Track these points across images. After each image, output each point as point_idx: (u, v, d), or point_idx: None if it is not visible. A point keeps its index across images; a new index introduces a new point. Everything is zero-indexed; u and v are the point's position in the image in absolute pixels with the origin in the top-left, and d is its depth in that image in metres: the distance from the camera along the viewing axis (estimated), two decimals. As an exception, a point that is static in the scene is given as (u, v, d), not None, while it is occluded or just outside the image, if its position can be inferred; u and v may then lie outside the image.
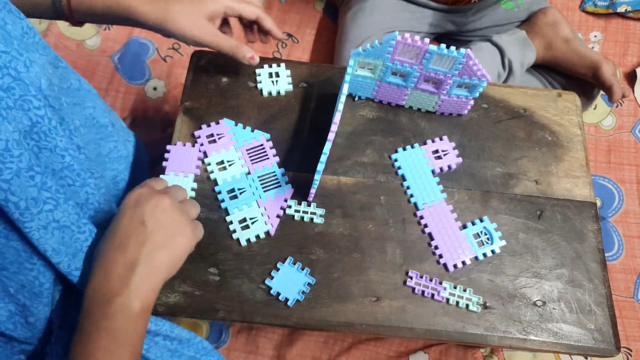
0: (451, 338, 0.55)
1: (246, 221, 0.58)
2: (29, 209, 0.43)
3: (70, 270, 0.48)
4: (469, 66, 0.55)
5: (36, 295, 0.47)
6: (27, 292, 0.47)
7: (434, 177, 0.62)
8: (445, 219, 0.60)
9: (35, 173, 0.43)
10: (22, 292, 0.46)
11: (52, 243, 0.46)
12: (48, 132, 0.46)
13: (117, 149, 0.61)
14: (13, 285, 0.46)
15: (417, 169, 0.62)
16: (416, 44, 0.53)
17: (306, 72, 0.68)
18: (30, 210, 0.43)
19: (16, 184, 0.42)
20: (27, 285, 0.46)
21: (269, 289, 0.55)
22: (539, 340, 0.55)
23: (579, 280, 0.58)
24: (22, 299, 0.47)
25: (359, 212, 0.60)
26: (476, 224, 0.60)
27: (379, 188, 0.61)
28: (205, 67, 0.67)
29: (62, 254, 0.47)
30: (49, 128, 0.46)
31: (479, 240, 0.59)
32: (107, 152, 0.59)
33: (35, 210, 0.44)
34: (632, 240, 0.99)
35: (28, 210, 0.43)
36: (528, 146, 0.65)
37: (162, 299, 0.54)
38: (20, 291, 0.46)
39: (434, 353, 0.85)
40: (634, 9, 1.14)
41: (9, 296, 0.46)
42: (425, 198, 0.61)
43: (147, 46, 1.10)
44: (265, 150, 0.62)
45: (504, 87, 0.70)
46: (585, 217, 0.61)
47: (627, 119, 1.10)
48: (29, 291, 0.47)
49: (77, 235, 0.48)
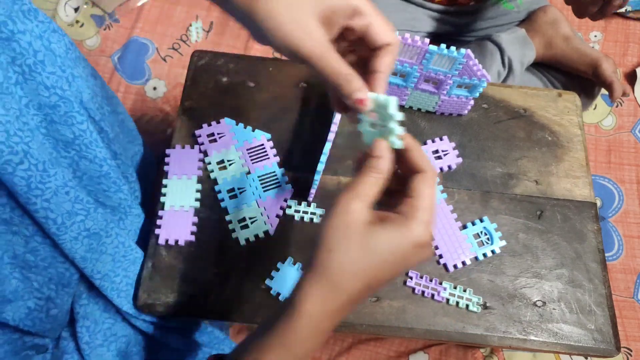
0: (451, 338, 0.55)
1: (246, 221, 0.58)
2: (64, 222, 0.47)
3: (93, 274, 0.51)
4: (469, 66, 0.55)
5: (63, 286, 0.50)
6: (54, 284, 0.49)
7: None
8: (445, 219, 0.59)
9: (70, 188, 0.47)
10: (49, 284, 0.49)
11: (81, 252, 0.49)
12: (89, 144, 0.50)
13: (141, 151, 0.64)
14: (39, 279, 0.48)
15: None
16: (416, 44, 0.53)
17: (306, 72, 0.68)
18: (65, 223, 0.47)
19: (54, 202, 0.45)
20: (54, 278, 0.49)
21: (269, 289, 0.55)
22: (539, 341, 0.55)
23: (579, 280, 0.58)
24: (47, 292, 0.49)
25: (359, 212, 0.60)
26: (476, 224, 0.60)
27: (379, 188, 0.61)
28: (205, 67, 0.67)
29: (87, 261, 0.50)
30: (90, 140, 0.50)
31: (479, 240, 0.59)
32: (132, 155, 0.62)
33: (69, 222, 0.47)
34: (632, 240, 0.99)
35: (63, 225, 0.47)
36: (528, 146, 0.65)
37: (161, 299, 0.54)
38: (46, 284, 0.49)
39: (434, 353, 0.85)
40: (634, 9, 1.15)
41: (30, 292, 0.48)
42: (425, 198, 0.60)
43: (147, 46, 1.10)
44: (265, 150, 0.62)
45: (504, 87, 0.69)
46: (585, 217, 0.61)
47: (627, 119, 1.11)
48: (56, 283, 0.50)
49: (104, 240, 0.52)
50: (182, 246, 0.57)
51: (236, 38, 1.13)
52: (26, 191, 0.43)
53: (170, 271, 0.55)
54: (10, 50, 0.42)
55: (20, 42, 0.43)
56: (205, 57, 0.68)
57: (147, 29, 1.12)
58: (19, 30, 0.42)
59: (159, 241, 0.56)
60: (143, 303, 0.54)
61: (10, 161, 0.41)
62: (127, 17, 1.13)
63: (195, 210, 0.58)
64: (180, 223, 0.57)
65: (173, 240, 0.56)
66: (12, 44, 0.42)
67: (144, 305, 0.54)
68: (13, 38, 0.42)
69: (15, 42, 0.42)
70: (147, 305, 0.54)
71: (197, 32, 1.13)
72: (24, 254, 0.46)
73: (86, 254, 0.50)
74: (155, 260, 0.56)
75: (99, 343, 0.54)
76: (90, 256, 0.50)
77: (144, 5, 1.14)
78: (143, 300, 0.54)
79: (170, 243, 0.56)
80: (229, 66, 0.67)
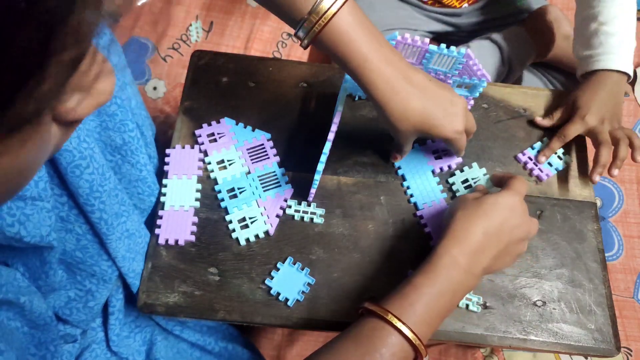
0: (451, 338, 0.55)
1: (245, 221, 0.58)
2: (112, 223, 0.50)
3: (128, 273, 0.53)
4: (469, 66, 0.55)
5: (105, 282, 0.52)
6: (95, 279, 0.52)
7: (434, 177, 0.62)
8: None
9: (118, 191, 0.50)
10: (91, 279, 0.52)
11: (123, 251, 0.52)
12: (135, 150, 0.53)
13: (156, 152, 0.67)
14: (83, 274, 0.51)
15: (417, 169, 0.62)
16: (416, 43, 0.53)
17: (306, 72, 0.68)
18: (113, 224, 0.50)
19: (108, 203, 0.48)
20: (97, 274, 0.52)
21: (269, 289, 0.55)
22: (539, 340, 0.55)
23: (579, 280, 0.58)
24: (88, 285, 0.52)
25: (359, 212, 0.60)
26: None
27: (379, 188, 0.61)
28: (205, 67, 0.67)
29: (126, 260, 0.53)
30: (136, 147, 0.53)
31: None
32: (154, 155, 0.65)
33: (115, 223, 0.50)
34: (632, 240, 0.99)
35: (112, 225, 0.50)
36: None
37: (161, 299, 0.54)
38: (88, 278, 0.51)
39: (433, 353, 0.85)
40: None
41: (73, 282, 0.50)
42: (425, 198, 0.60)
43: (147, 46, 1.10)
44: (265, 149, 0.62)
45: (504, 87, 0.69)
46: (585, 217, 0.61)
47: (627, 119, 1.10)
48: (98, 278, 0.52)
49: (138, 240, 0.55)
50: (182, 246, 0.57)
51: (236, 38, 1.12)
52: (88, 193, 0.46)
53: (170, 271, 0.55)
54: None
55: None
56: (205, 57, 0.68)
57: (147, 29, 1.12)
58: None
59: (159, 241, 0.56)
60: (143, 303, 0.54)
61: (79, 165, 0.44)
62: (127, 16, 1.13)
63: (195, 210, 0.58)
64: (180, 223, 0.57)
65: (173, 240, 0.56)
66: None
67: (144, 305, 0.54)
68: None
69: None
70: (147, 306, 0.54)
71: (197, 32, 1.13)
72: (73, 251, 0.49)
73: (126, 254, 0.52)
74: (155, 260, 0.56)
75: (125, 335, 0.57)
76: (128, 255, 0.53)
77: (144, 5, 1.14)
78: (143, 301, 0.54)
79: (170, 243, 0.56)
80: (229, 66, 0.67)
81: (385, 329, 0.42)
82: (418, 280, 0.45)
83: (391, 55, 0.47)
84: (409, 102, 0.48)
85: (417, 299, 0.43)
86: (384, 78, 0.46)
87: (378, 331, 0.42)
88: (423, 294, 0.44)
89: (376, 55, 0.46)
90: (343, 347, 0.42)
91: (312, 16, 0.43)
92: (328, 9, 0.43)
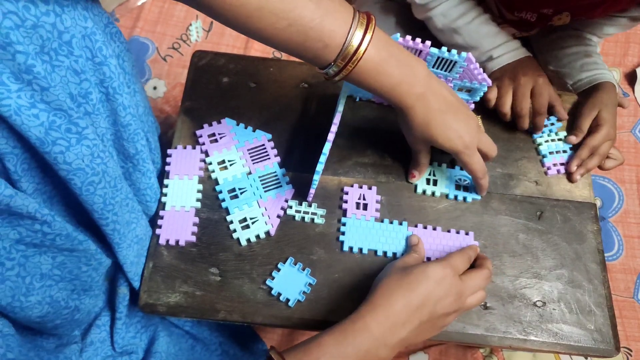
0: (451, 338, 0.55)
1: (246, 221, 0.58)
2: (124, 232, 0.50)
3: (134, 277, 0.54)
4: (470, 70, 0.55)
5: (112, 287, 0.55)
6: (105, 289, 0.54)
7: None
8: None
9: (129, 200, 0.50)
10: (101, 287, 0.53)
11: (131, 257, 0.52)
12: (145, 158, 0.53)
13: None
14: (95, 293, 0.53)
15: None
16: (417, 45, 0.53)
17: (306, 72, 0.68)
18: (124, 232, 0.50)
19: (120, 214, 0.49)
20: (106, 291, 0.54)
21: (270, 290, 0.55)
22: (539, 341, 0.55)
23: (578, 280, 0.58)
24: (96, 291, 0.53)
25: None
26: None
27: (379, 188, 0.61)
28: (205, 67, 0.67)
29: (134, 265, 0.53)
30: (146, 155, 0.53)
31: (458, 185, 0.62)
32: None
33: (126, 231, 0.50)
34: (632, 240, 1.00)
35: (124, 234, 0.50)
36: (528, 147, 0.65)
37: (162, 299, 0.54)
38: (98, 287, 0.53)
39: (433, 353, 0.85)
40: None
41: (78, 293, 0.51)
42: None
43: (147, 46, 1.10)
44: (266, 150, 0.62)
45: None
46: (585, 218, 0.62)
47: (627, 119, 1.11)
48: (105, 290, 0.54)
49: (145, 244, 0.55)
50: (182, 246, 0.57)
51: (236, 38, 1.12)
52: (102, 207, 0.46)
53: (170, 271, 0.56)
54: (100, 73, 0.44)
55: (110, 65, 0.45)
56: (206, 57, 0.68)
57: (147, 29, 1.12)
58: (110, 55, 0.44)
59: (160, 241, 0.56)
60: (144, 303, 0.54)
61: (93, 182, 0.44)
62: (127, 16, 1.13)
63: (196, 210, 0.58)
64: (181, 223, 0.57)
65: (174, 241, 0.56)
66: (102, 68, 0.44)
67: (145, 305, 0.54)
68: (105, 62, 0.44)
69: (106, 66, 0.44)
70: (148, 305, 0.54)
71: (197, 31, 1.13)
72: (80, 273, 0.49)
73: (134, 259, 0.53)
74: (155, 260, 0.56)
75: (131, 335, 0.57)
76: (137, 260, 0.54)
77: (143, 4, 1.14)
78: (144, 301, 0.54)
79: (170, 243, 0.56)
80: (230, 66, 0.67)
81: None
82: (324, 339, 0.44)
83: (421, 74, 0.48)
84: (431, 114, 0.50)
85: (319, 357, 0.43)
86: (412, 99, 0.49)
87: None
88: (326, 353, 0.43)
89: (405, 79, 0.47)
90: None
91: (339, 61, 0.44)
92: (357, 49, 0.43)
